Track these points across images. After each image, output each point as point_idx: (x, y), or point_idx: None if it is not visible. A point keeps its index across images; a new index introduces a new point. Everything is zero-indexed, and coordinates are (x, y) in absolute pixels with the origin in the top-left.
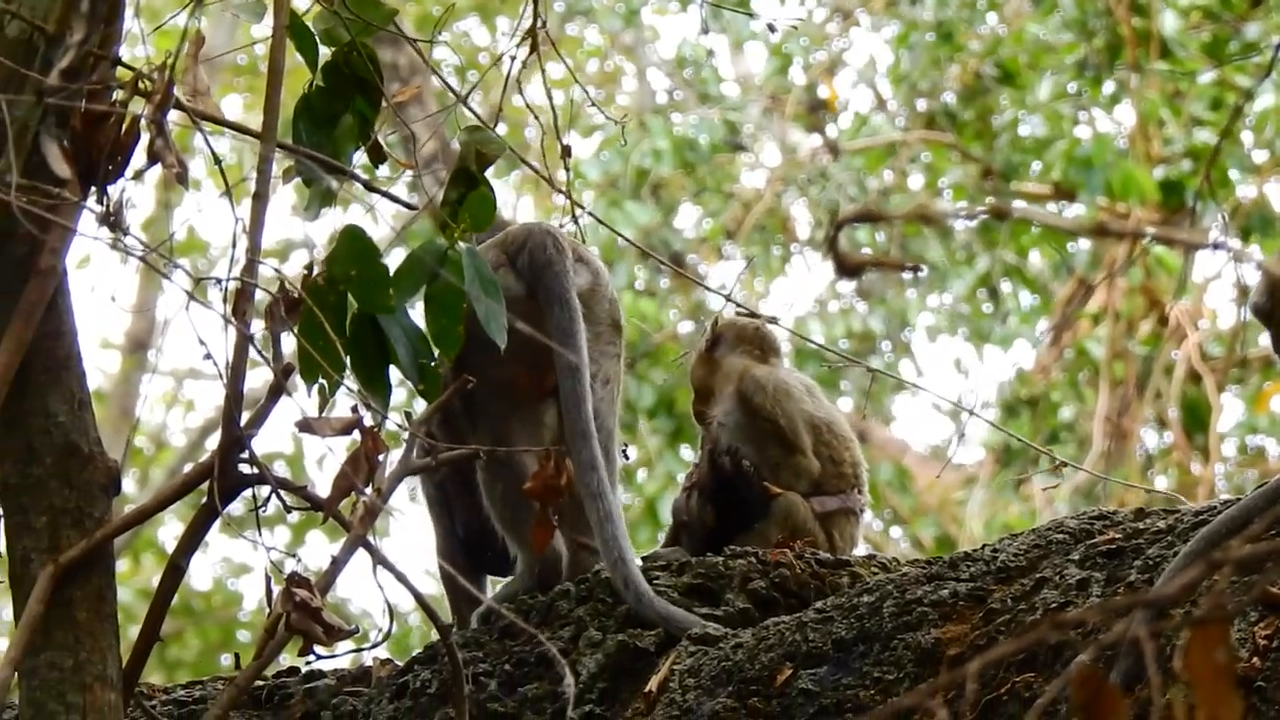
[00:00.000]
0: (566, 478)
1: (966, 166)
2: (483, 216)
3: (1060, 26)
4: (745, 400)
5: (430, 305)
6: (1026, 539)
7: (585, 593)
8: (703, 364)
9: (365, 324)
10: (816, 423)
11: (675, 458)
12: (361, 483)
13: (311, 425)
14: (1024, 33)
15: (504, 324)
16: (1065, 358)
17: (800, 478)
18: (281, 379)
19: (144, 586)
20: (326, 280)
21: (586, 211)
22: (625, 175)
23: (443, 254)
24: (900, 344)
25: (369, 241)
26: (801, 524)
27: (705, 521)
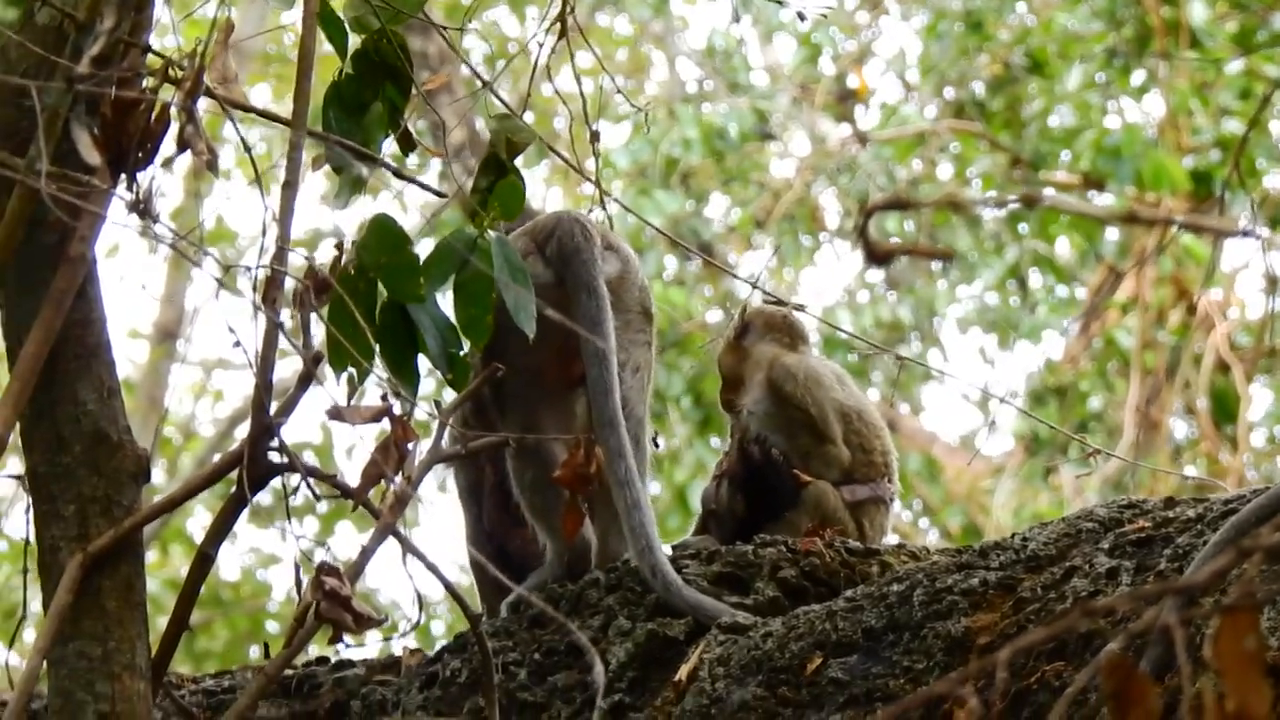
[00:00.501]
0: (596, 465)
1: (995, 156)
2: (512, 205)
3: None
4: (775, 388)
5: (459, 294)
6: (1056, 528)
7: (614, 581)
8: (731, 352)
9: (394, 312)
10: (847, 411)
11: (705, 446)
12: (391, 471)
13: (341, 413)
14: (1053, 22)
15: (533, 313)
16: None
17: (830, 466)
18: (311, 367)
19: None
20: (356, 268)
21: (614, 199)
22: (655, 164)
23: (472, 242)
24: (929, 334)
25: (399, 230)
26: (831, 512)
27: (736, 511)
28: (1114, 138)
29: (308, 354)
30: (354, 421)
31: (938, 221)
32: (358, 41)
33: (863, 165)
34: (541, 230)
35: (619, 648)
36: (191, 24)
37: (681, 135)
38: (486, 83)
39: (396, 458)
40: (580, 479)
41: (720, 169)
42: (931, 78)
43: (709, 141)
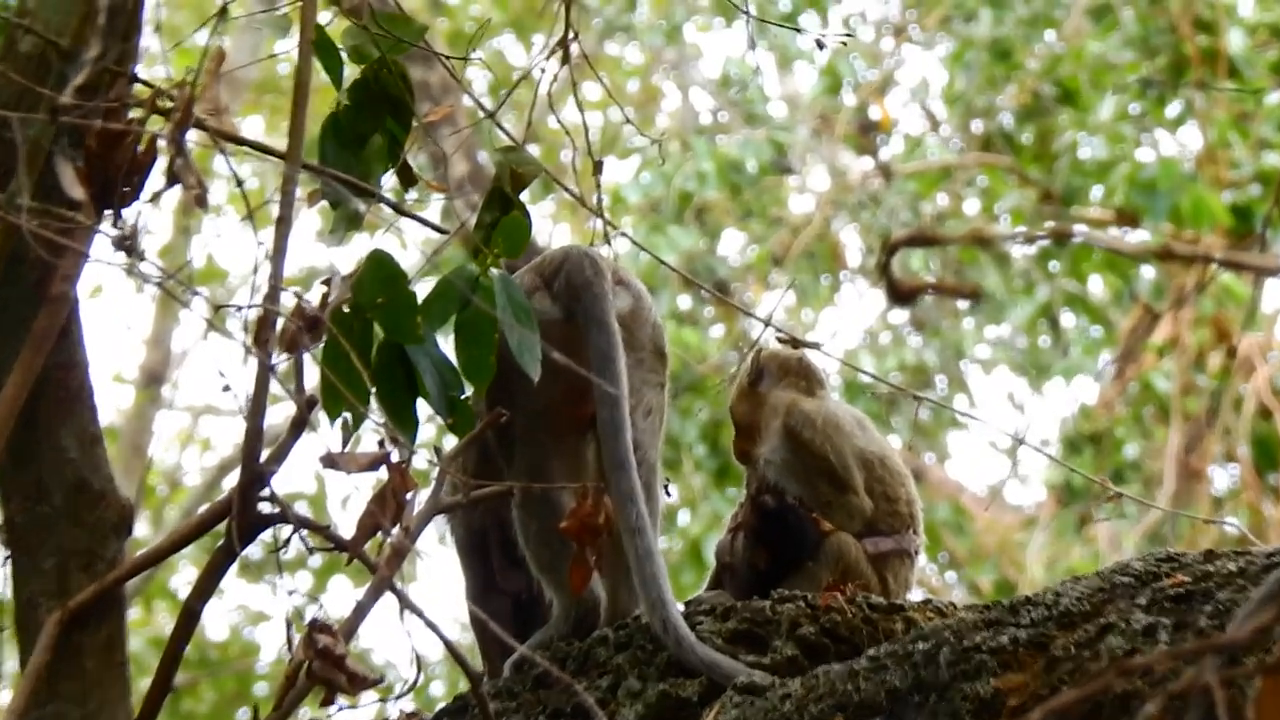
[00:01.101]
0: (606, 516)
1: (1025, 190)
2: (517, 241)
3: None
4: (793, 436)
5: (460, 334)
6: (1090, 582)
7: (624, 639)
8: (745, 399)
9: (392, 354)
10: (868, 458)
11: (721, 497)
12: (388, 523)
13: (335, 461)
14: (1084, 51)
15: (538, 355)
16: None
17: (853, 518)
18: (304, 412)
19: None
20: (351, 308)
21: (620, 233)
22: (667, 199)
23: (474, 280)
24: (955, 377)
25: (396, 267)
26: (853, 565)
27: (756, 564)
28: (1149, 171)
29: (300, 398)
30: (349, 470)
31: (964, 259)
32: (357, 71)
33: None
34: (549, 265)
35: (629, 709)
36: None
37: (695, 168)
38: (489, 113)
39: (394, 508)
40: (588, 530)
41: (736, 204)
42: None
43: (724, 175)
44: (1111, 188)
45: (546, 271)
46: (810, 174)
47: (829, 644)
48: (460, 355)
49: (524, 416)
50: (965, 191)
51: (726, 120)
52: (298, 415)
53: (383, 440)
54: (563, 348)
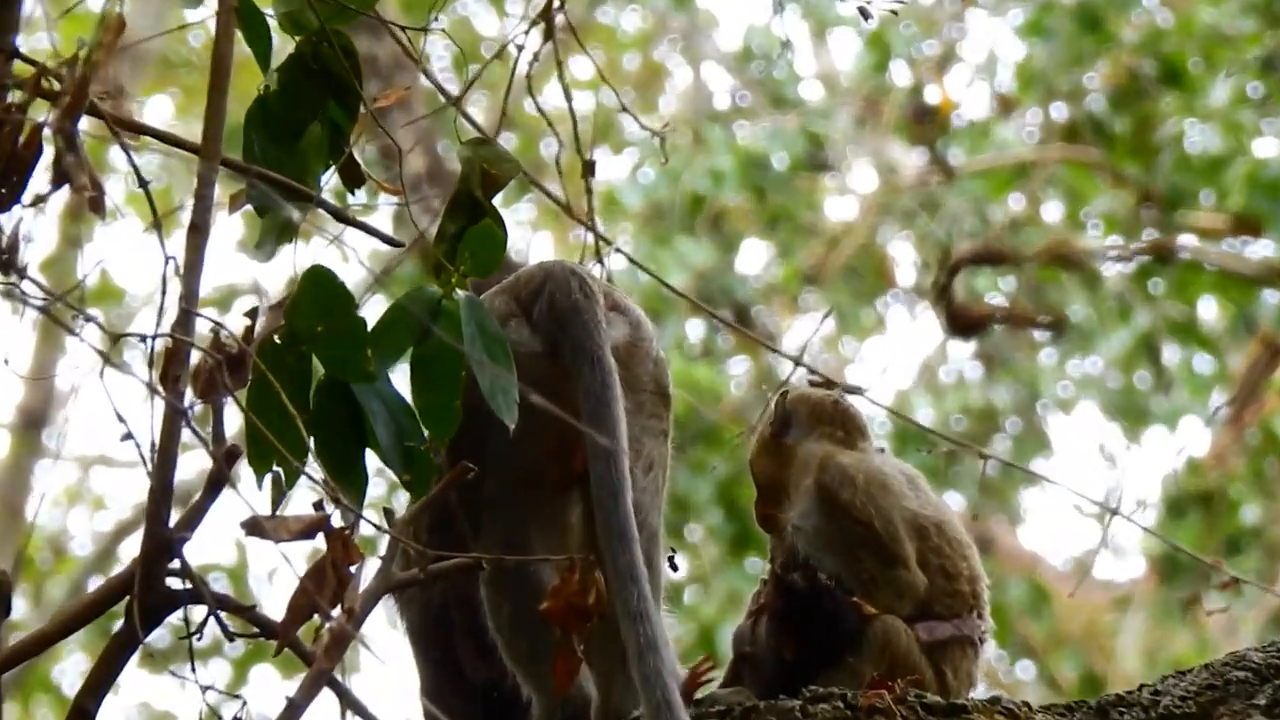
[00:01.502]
0: (597, 595)
1: (1119, 192)
2: (488, 256)
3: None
4: (828, 497)
5: (419, 371)
6: (1198, 678)
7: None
8: (769, 453)
9: (334, 395)
10: (922, 524)
11: (739, 572)
12: (327, 603)
13: (263, 527)
14: (1193, 20)
15: (514, 396)
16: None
17: (903, 597)
18: (223, 466)
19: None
20: (285, 338)
21: (615, 248)
22: (675, 203)
23: (435, 305)
24: (1032, 425)
25: (340, 288)
26: (903, 656)
27: (783, 655)
28: (1272, 169)
29: (219, 449)
30: (279, 537)
31: (1043, 278)
32: (289, 45)
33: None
34: (527, 286)
35: None
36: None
37: (710, 165)
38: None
39: (334, 585)
40: (575, 613)
41: (761, 209)
42: (1035, 90)
43: (745, 173)
44: (1226, 189)
45: (524, 294)
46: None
47: None
48: (418, 397)
49: (497, 473)
50: (1045, 193)
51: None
52: (216, 470)
53: (321, 501)
54: (545, 389)
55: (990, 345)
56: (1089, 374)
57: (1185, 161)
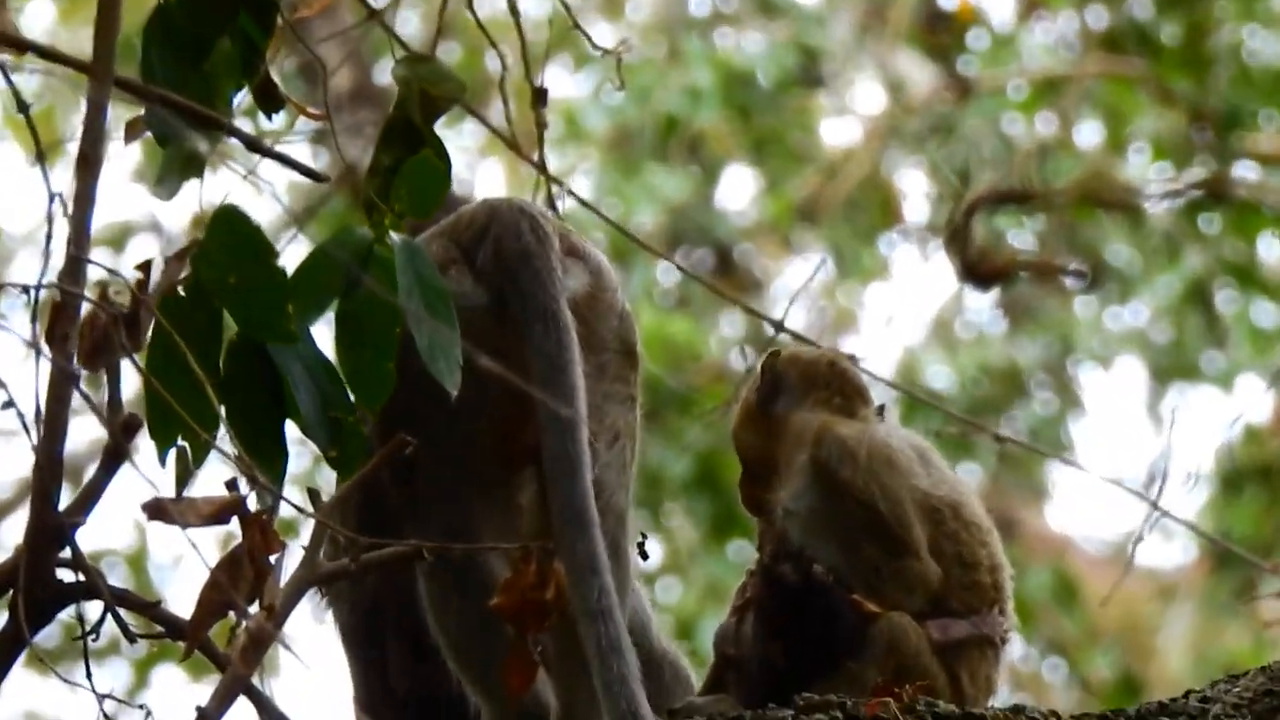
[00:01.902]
0: (555, 589)
1: (1167, 112)
2: (428, 192)
3: None
4: (825, 475)
5: (346, 329)
6: (1254, 682)
7: None
8: (755, 424)
9: (249, 357)
10: (935, 505)
11: (720, 560)
12: (242, 598)
13: (167, 510)
14: None
15: (457, 357)
16: None
17: (913, 591)
18: (121, 438)
19: None
20: (191, 289)
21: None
22: (646, 126)
23: (366, 250)
24: (1064, 384)
25: (255, 231)
26: (912, 659)
27: (770, 658)
28: None
29: (115, 419)
30: (186, 522)
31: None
32: None
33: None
34: (469, 228)
35: None
36: None
37: (686, 82)
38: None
39: (251, 578)
40: (531, 609)
41: (745, 132)
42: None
43: (728, 91)
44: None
45: (465, 237)
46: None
47: None
48: (346, 359)
49: (437, 448)
50: (1080, 113)
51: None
52: (112, 443)
53: (235, 480)
54: (491, 349)
55: (1015, 294)
56: (1131, 326)
57: (1244, 75)
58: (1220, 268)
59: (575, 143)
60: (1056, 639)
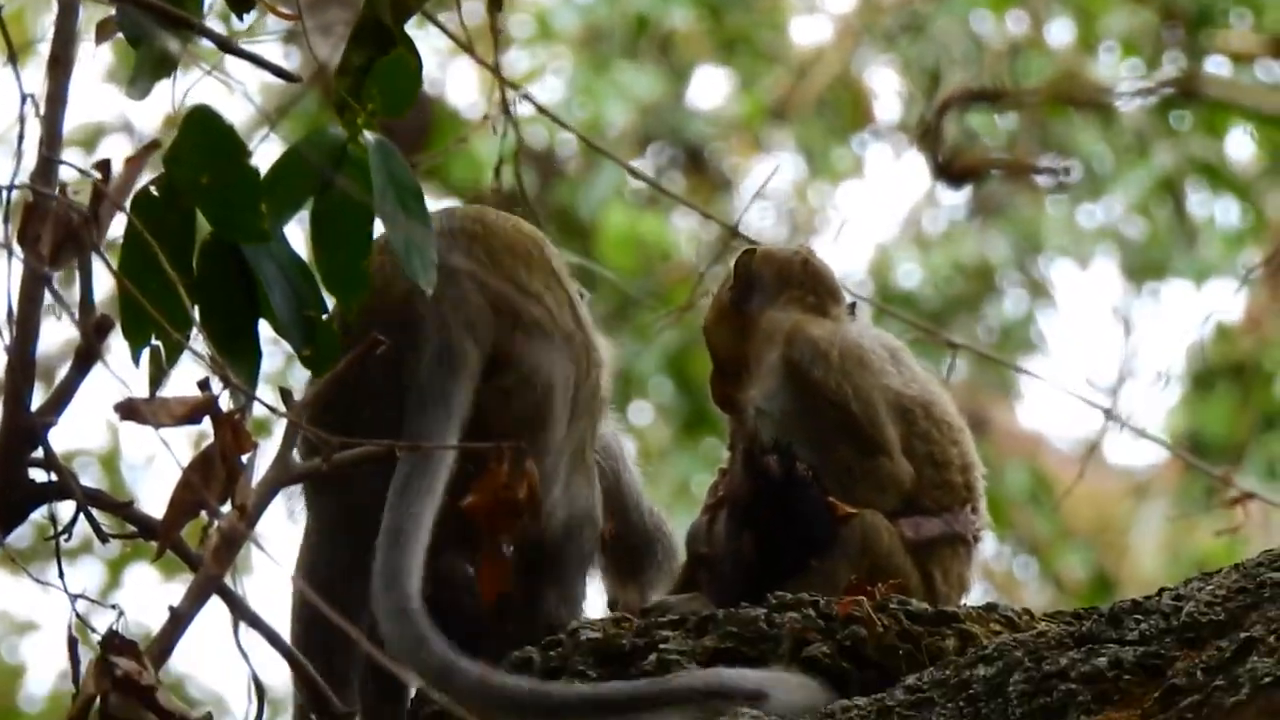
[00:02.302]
0: (527, 488)
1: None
2: (400, 91)
3: None
4: (797, 375)
5: (320, 228)
6: (1227, 580)
7: (557, 661)
8: (728, 322)
9: (222, 257)
10: (907, 405)
11: (691, 457)
12: (215, 498)
13: (139, 410)
14: None
15: (433, 257)
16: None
17: (885, 491)
18: (94, 339)
19: None
20: (163, 190)
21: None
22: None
23: (339, 149)
24: (1034, 282)
25: (228, 131)
26: (885, 557)
27: (741, 555)
28: None
29: (88, 320)
30: (159, 422)
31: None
32: None
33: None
34: None
35: None
36: None
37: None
38: None
39: (223, 478)
40: (504, 509)
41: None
42: None
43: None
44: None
45: None
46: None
47: (850, 669)
48: (320, 258)
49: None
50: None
51: None
52: (84, 344)
53: (207, 380)
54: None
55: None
56: (1101, 223)
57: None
58: (1190, 166)
59: (546, 42)
60: (1029, 538)
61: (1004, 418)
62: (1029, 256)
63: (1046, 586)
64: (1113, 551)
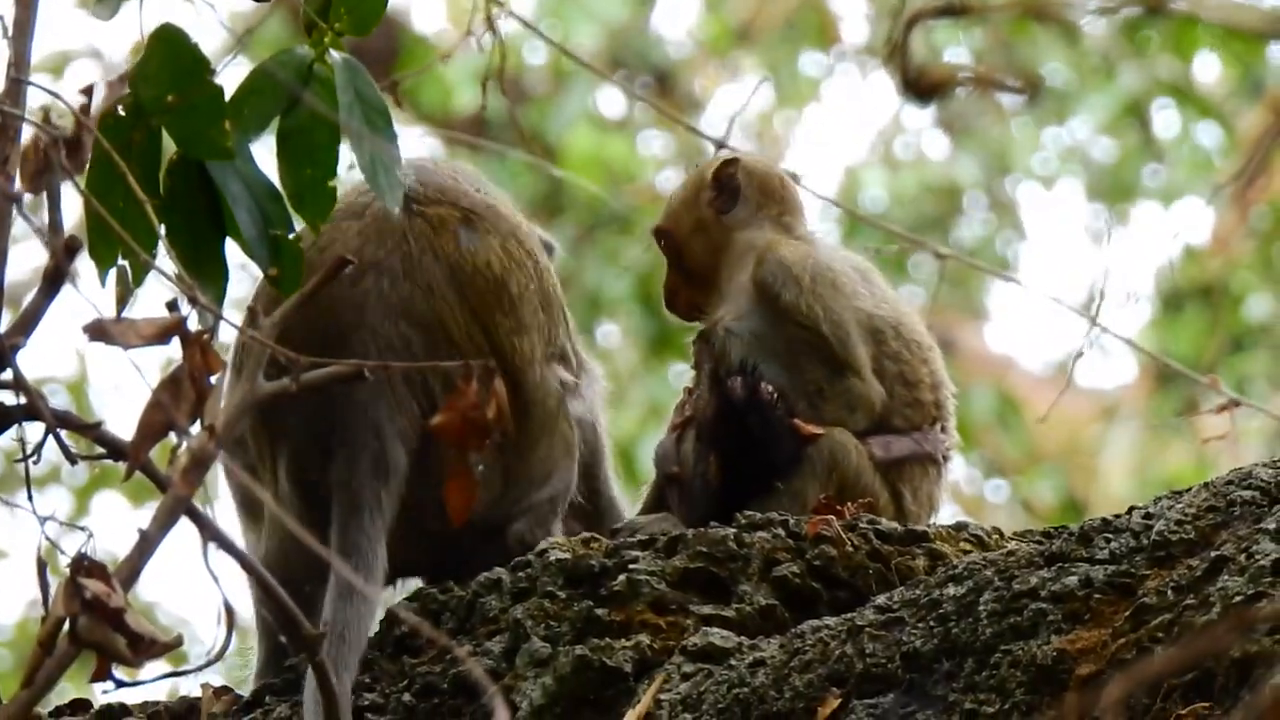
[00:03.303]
0: (496, 406)
1: None
2: (367, 10)
3: None
4: (769, 297)
5: (287, 146)
6: (1196, 499)
7: (525, 583)
8: (706, 231)
9: (189, 177)
10: (878, 326)
11: (659, 379)
12: (184, 419)
13: (108, 331)
14: None
15: (399, 178)
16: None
17: (855, 410)
18: (62, 260)
19: None
20: (130, 110)
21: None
22: None
23: (306, 68)
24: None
25: (193, 50)
26: (853, 476)
27: (708, 477)
28: None
29: (56, 241)
30: (127, 342)
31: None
32: None
33: None
34: None
35: (533, 683)
36: None
37: None
38: None
39: (192, 398)
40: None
41: None
42: None
43: None
44: None
45: None
46: None
47: (819, 589)
48: (287, 177)
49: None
50: None
51: None
52: (52, 265)
53: (175, 300)
54: None
55: (953, 112)
56: (1069, 143)
57: None
58: (1157, 87)
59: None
60: (998, 460)
61: (971, 340)
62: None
63: (1016, 510)
64: (1083, 474)
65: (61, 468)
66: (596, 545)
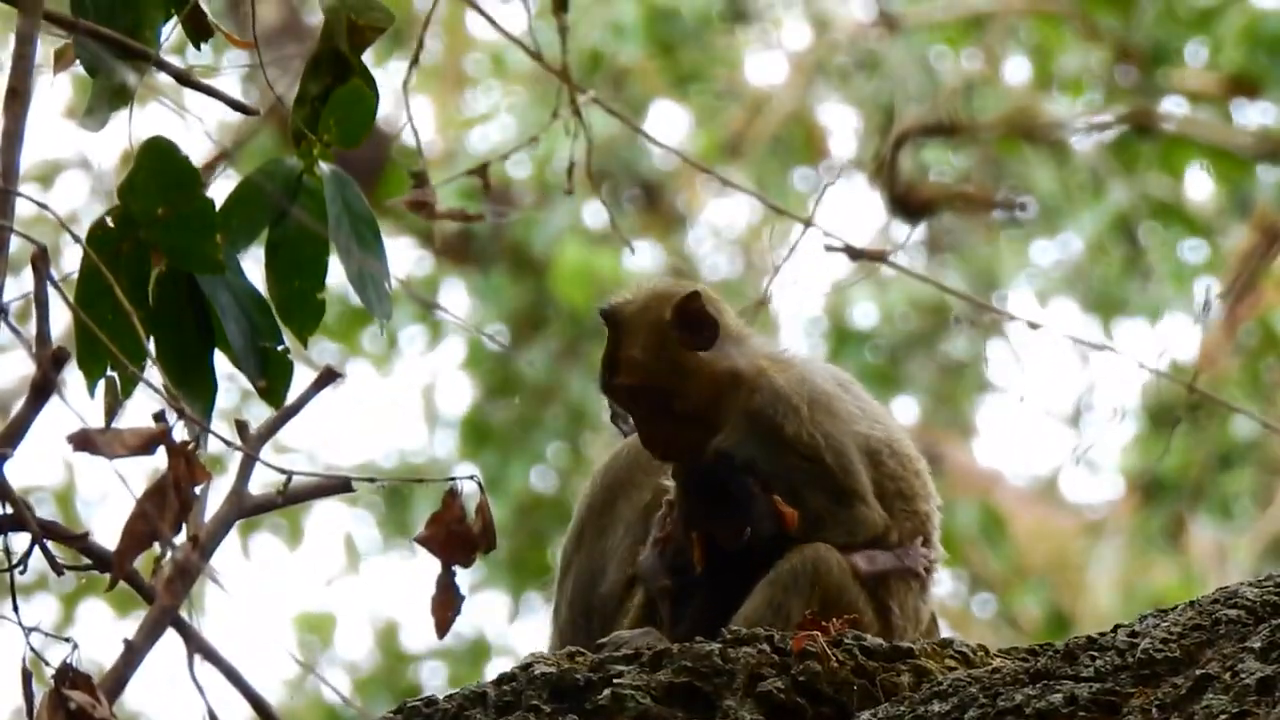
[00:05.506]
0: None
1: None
2: (357, 122)
3: None
4: (768, 425)
5: (276, 258)
6: (1182, 617)
7: (510, 696)
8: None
9: (178, 288)
10: (875, 447)
11: None
12: (168, 529)
13: (94, 441)
14: None
15: (387, 289)
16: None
17: (856, 536)
18: (49, 370)
19: None
20: (119, 221)
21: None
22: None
23: (295, 180)
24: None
25: (183, 162)
26: (835, 591)
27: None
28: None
29: (44, 352)
30: (113, 453)
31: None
32: None
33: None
34: None
35: None
36: None
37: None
38: None
39: (177, 509)
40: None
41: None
42: None
43: (652, 26)
44: (1219, 42)
45: None
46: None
47: (805, 705)
48: (275, 288)
49: None
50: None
51: None
52: (40, 375)
53: (162, 411)
54: None
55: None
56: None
57: (1170, 11)
58: (1145, 204)
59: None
60: (984, 575)
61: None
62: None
63: (1002, 625)
64: (1069, 590)
65: (48, 576)
66: (581, 659)
